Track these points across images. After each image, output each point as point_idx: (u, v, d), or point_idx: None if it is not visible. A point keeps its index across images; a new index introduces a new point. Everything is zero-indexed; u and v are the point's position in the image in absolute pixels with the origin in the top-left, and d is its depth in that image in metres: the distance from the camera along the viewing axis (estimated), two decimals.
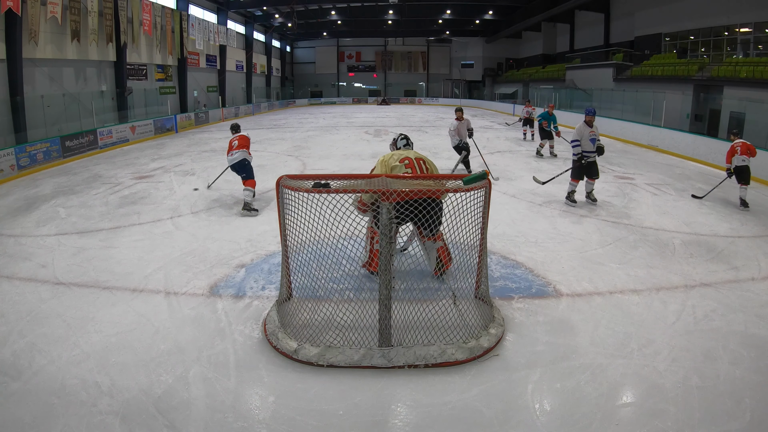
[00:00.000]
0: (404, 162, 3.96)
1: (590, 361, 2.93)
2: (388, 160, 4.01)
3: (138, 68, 18.11)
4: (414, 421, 2.47)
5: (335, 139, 14.82)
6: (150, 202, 6.96)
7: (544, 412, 2.52)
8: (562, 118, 19.31)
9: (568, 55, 26.46)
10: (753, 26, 15.13)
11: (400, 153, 4.11)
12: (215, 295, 3.87)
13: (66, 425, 2.40)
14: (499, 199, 6.72)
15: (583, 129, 6.45)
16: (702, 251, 4.85)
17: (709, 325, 3.37)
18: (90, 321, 3.44)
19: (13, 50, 11.69)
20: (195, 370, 2.86)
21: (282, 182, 3.23)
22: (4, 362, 2.94)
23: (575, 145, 6.51)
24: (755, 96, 12.82)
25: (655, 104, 14.30)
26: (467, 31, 36.39)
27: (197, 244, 5.09)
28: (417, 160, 4.01)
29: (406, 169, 3.92)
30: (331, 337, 3.04)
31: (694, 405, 2.54)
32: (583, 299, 3.78)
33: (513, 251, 4.81)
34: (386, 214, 2.85)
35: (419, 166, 3.98)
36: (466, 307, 3.32)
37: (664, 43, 19.10)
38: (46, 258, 4.71)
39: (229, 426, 2.41)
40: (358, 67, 41.39)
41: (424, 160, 4.04)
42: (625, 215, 6.13)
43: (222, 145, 13.32)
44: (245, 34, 29.66)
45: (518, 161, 10.33)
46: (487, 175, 3.27)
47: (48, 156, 10.42)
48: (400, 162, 3.96)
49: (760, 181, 8.44)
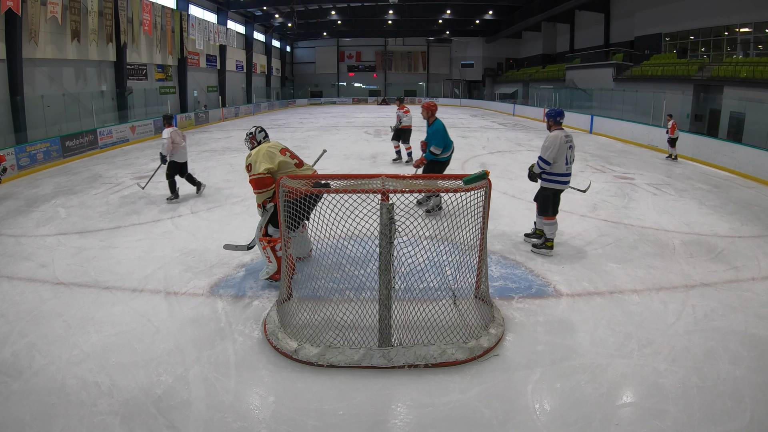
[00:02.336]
0: (286, 154, 4.07)
1: (590, 361, 2.93)
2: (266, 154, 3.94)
3: (138, 68, 18.11)
4: (414, 421, 2.47)
5: (335, 139, 14.82)
6: (150, 202, 6.95)
7: (544, 412, 2.52)
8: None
9: (568, 55, 26.47)
10: (753, 26, 15.13)
11: (272, 145, 4.08)
12: (215, 295, 3.87)
13: (66, 425, 2.40)
14: (499, 199, 6.72)
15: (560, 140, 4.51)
16: (702, 251, 4.85)
17: (709, 325, 3.37)
18: (90, 321, 3.44)
19: (13, 50, 11.70)
20: (195, 370, 2.86)
21: (282, 182, 3.23)
22: (4, 362, 2.94)
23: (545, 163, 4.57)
24: (755, 96, 12.83)
25: (655, 104, 14.31)
26: (467, 31, 36.41)
27: (197, 244, 5.09)
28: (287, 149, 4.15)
29: (292, 159, 4.06)
30: (331, 337, 3.04)
31: (694, 405, 2.54)
32: (583, 299, 3.78)
33: (513, 251, 4.81)
34: (386, 214, 2.85)
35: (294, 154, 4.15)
36: (466, 307, 3.33)
37: (664, 43, 19.11)
38: (46, 258, 4.71)
39: (229, 426, 2.41)
40: (358, 67, 41.40)
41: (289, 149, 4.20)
42: (625, 215, 6.13)
43: (222, 145, 13.33)
44: (245, 34, 29.67)
45: (518, 161, 10.33)
46: (487, 175, 3.27)
47: (48, 156, 10.42)
48: (281, 153, 4.03)
49: (760, 181, 8.45)
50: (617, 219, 5.95)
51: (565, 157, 4.53)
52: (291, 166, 4.00)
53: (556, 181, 4.62)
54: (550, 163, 4.52)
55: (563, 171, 4.58)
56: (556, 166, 4.54)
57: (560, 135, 4.50)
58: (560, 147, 4.48)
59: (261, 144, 4.18)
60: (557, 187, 4.65)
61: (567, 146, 4.53)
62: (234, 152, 11.87)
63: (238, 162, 10.38)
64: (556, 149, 4.47)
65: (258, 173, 3.89)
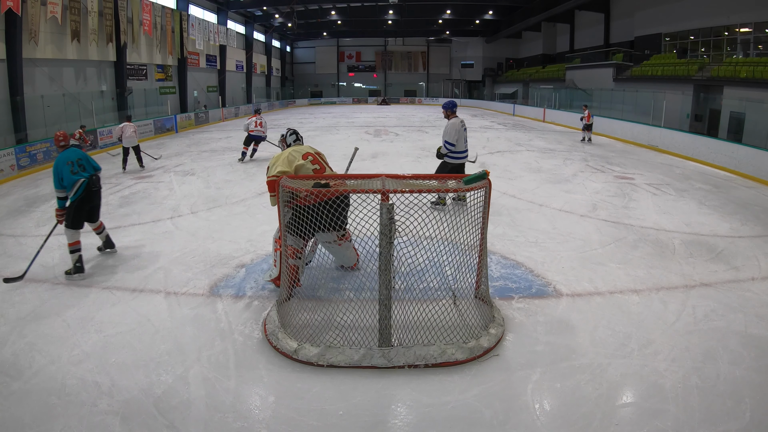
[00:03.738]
0: (308, 158, 3.90)
1: (590, 361, 2.93)
2: (287, 158, 3.85)
3: (138, 68, 18.11)
4: (414, 421, 2.47)
5: (335, 139, 14.81)
6: (150, 202, 6.96)
7: (544, 412, 2.52)
8: (562, 118, 19.43)
9: (568, 55, 26.46)
10: (753, 26, 15.13)
11: (298, 149, 3.95)
12: (215, 295, 3.87)
13: (66, 425, 2.40)
14: (499, 199, 6.72)
15: (458, 126, 5.81)
16: (702, 251, 4.85)
17: (709, 325, 3.37)
18: (90, 321, 3.44)
19: (13, 50, 11.69)
20: (195, 370, 2.86)
21: (282, 182, 3.24)
22: (4, 362, 2.94)
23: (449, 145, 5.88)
24: (755, 96, 12.82)
25: (655, 104, 14.31)
26: (467, 31, 36.40)
27: (197, 244, 5.09)
28: (317, 154, 3.97)
29: (313, 165, 3.87)
30: (331, 337, 3.04)
31: (694, 405, 2.54)
32: (583, 299, 3.78)
33: (513, 251, 4.81)
34: (386, 214, 2.85)
35: (321, 160, 3.96)
36: (466, 307, 3.33)
37: (664, 43, 19.10)
38: (46, 258, 4.71)
39: (229, 426, 2.41)
40: (358, 67, 41.40)
41: (321, 155, 4.02)
42: (625, 215, 6.13)
43: (222, 145, 13.33)
44: (245, 34, 29.67)
45: (518, 161, 10.33)
46: (487, 175, 3.27)
47: (48, 156, 10.42)
48: (304, 159, 3.88)
49: (760, 181, 8.45)
50: (617, 219, 5.95)
51: (463, 138, 5.83)
52: (309, 171, 3.83)
53: (458, 157, 5.91)
54: (454, 144, 5.78)
55: (462, 149, 5.89)
56: (458, 145, 5.81)
57: (457, 121, 5.77)
58: (458, 131, 5.75)
59: (289, 147, 4.14)
60: (459, 161, 5.94)
61: (462, 129, 5.82)
62: (234, 152, 11.86)
63: (238, 162, 10.39)
64: (456, 133, 5.74)
65: (271, 176, 3.82)
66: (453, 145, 5.78)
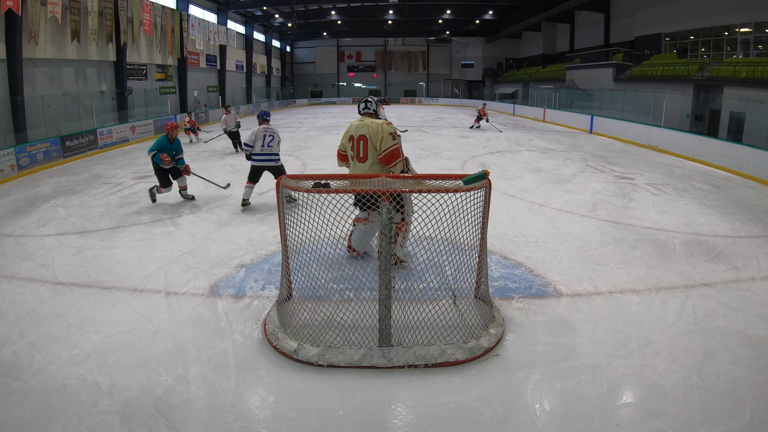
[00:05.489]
0: (351, 142, 3.95)
1: (590, 361, 2.93)
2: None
3: (138, 68, 18.10)
4: (414, 421, 2.47)
5: (335, 139, 14.79)
6: (150, 202, 6.95)
7: (544, 412, 2.52)
8: (562, 118, 19.42)
9: (568, 55, 26.45)
10: (753, 26, 15.13)
11: (354, 126, 4.03)
12: (215, 295, 3.87)
13: (66, 425, 2.40)
14: (499, 199, 6.72)
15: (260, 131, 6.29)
16: (702, 251, 4.85)
17: (709, 325, 3.37)
18: (90, 321, 3.44)
19: (13, 50, 11.68)
20: (195, 370, 2.86)
21: (282, 182, 3.23)
22: (4, 362, 2.94)
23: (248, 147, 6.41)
24: (755, 96, 12.82)
25: (655, 104, 14.30)
26: (467, 31, 36.37)
27: (197, 244, 5.09)
28: (359, 139, 3.97)
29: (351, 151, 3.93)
30: (331, 337, 3.04)
31: (694, 405, 2.54)
32: (583, 299, 3.78)
33: (513, 251, 4.81)
34: (386, 213, 2.85)
35: (357, 146, 3.95)
36: (466, 307, 3.32)
37: (664, 43, 19.10)
38: (46, 258, 4.71)
39: (229, 426, 2.41)
40: (358, 67, 41.38)
41: (366, 139, 3.95)
42: (625, 215, 6.13)
43: (222, 145, 13.32)
44: (245, 34, 29.66)
45: (518, 161, 10.33)
46: (487, 175, 3.26)
47: (48, 156, 10.42)
48: (349, 141, 3.96)
49: (761, 181, 8.45)
50: (617, 219, 5.95)
51: (261, 142, 6.27)
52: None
53: (255, 159, 6.37)
54: (251, 145, 6.31)
55: (258, 151, 6.32)
56: (255, 148, 6.30)
57: (261, 128, 6.35)
58: (257, 135, 6.28)
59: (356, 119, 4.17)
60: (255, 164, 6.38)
61: (263, 134, 6.29)
62: (234, 152, 11.86)
63: (238, 162, 10.37)
64: (254, 136, 6.30)
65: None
66: (250, 146, 6.34)
